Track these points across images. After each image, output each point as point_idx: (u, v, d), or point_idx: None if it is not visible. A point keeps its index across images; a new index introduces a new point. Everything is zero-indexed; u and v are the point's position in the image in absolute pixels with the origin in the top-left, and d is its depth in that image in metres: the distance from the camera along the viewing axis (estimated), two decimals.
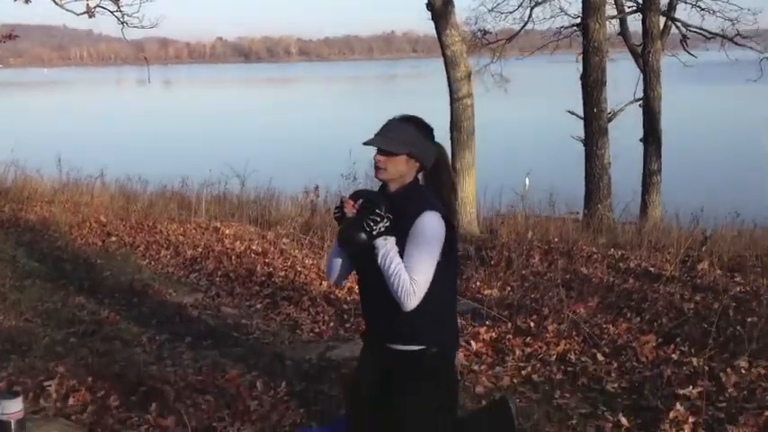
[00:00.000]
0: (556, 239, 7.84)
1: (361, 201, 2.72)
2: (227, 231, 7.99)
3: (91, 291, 5.72)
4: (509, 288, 5.86)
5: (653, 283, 5.71)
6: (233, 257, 6.76)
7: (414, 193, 2.69)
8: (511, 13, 17.25)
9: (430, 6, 8.87)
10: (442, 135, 8.79)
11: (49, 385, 3.58)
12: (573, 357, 4.07)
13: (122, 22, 13.88)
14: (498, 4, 17.16)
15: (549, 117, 18.78)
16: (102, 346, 4.34)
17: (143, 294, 5.66)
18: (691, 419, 3.22)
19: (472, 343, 4.27)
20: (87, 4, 13.59)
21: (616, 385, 3.72)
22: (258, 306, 5.39)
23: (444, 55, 8.95)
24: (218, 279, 6.18)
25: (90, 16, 14.03)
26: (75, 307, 5.25)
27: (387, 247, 2.57)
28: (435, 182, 2.78)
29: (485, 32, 17.42)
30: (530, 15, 17.22)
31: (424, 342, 2.64)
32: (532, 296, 5.46)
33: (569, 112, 12.68)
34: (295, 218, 9.03)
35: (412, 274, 2.54)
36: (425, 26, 16.72)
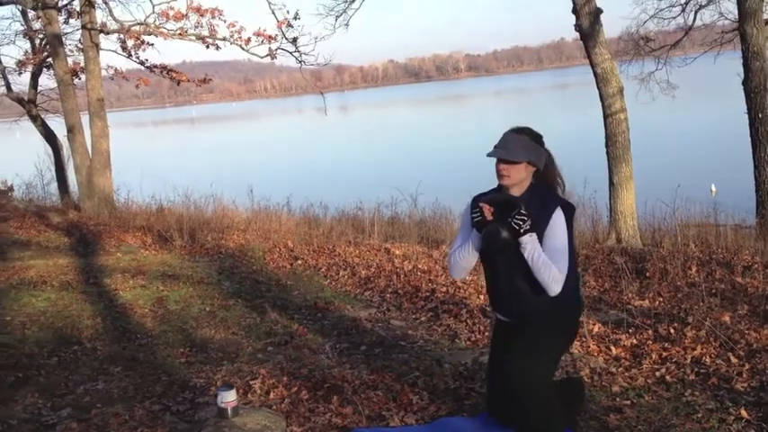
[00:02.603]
0: (719, 250, 7.89)
1: (494, 204, 3.20)
2: (396, 252, 8.79)
3: (283, 308, 6.69)
4: (660, 299, 6.11)
5: None
6: (401, 276, 7.53)
7: (537, 193, 3.23)
8: (674, 18, 17.01)
9: (578, 27, 9.24)
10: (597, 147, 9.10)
11: (254, 383, 4.46)
12: (708, 360, 4.38)
13: (300, 62, 15.51)
14: (660, 11, 17.00)
15: (720, 119, 18.03)
16: (293, 354, 5.21)
17: (325, 310, 6.54)
18: None
19: (612, 348, 4.69)
20: (269, 48, 15.35)
21: (746, 384, 4.01)
22: (422, 319, 6.09)
23: (595, 73, 9.26)
24: (388, 295, 6.95)
25: (272, 58, 15.76)
26: (270, 322, 6.21)
27: (533, 243, 3.12)
28: (546, 179, 3.31)
29: (647, 40, 17.29)
30: (693, 19, 16.90)
31: (550, 306, 3.20)
32: (681, 306, 5.72)
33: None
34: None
35: (557, 265, 3.09)
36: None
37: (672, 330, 4.88)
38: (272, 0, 14.50)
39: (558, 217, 3.17)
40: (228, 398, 3.80)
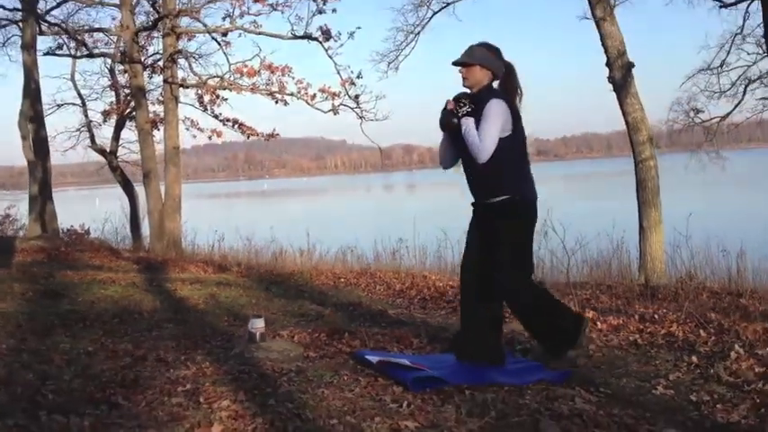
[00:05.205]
0: (734, 286, 8.29)
1: (455, 99, 4.19)
2: (432, 277, 9.47)
3: (320, 304, 7.45)
4: (664, 310, 6.61)
5: None
6: (432, 288, 8.22)
7: (486, 91, 4.14)
8: (724, 93, 17.55)
9: (611, 79, 10.01)
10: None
11: (283, 332, 5.21)
12: (681, 334, 4.91)
13: (360, 117, 16.66)
14: (711, 83, 17.56)
15: None
16: (321, 324, 5.94)
17: (357, 306, 7.28)
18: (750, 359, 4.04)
19: (599, 324, 5.27)
20: (332, 104, 16.53)
21: (707, 348, 4.53)
22: (442, 312, 6.76)
23: (626, 122, 9.97)
24: (416, 300, 7.64)
25: (335, 113, 16.89)
26: (306, 309, 6.97)
27: (466, 123, 4.05)
28: (506, 86, 4.20)
29: (697, 111, 17.87)
30: (744, 93, 17.43)
31: (505, 193, 4.02)
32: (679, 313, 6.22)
33: None
34: None
35: (481, 138, 3.95)
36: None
37: (656, 316, 5.43)
38: (337, 60, 15.85)
39: (491, 106, 4.01)
40: (258, 324, 4.56)
